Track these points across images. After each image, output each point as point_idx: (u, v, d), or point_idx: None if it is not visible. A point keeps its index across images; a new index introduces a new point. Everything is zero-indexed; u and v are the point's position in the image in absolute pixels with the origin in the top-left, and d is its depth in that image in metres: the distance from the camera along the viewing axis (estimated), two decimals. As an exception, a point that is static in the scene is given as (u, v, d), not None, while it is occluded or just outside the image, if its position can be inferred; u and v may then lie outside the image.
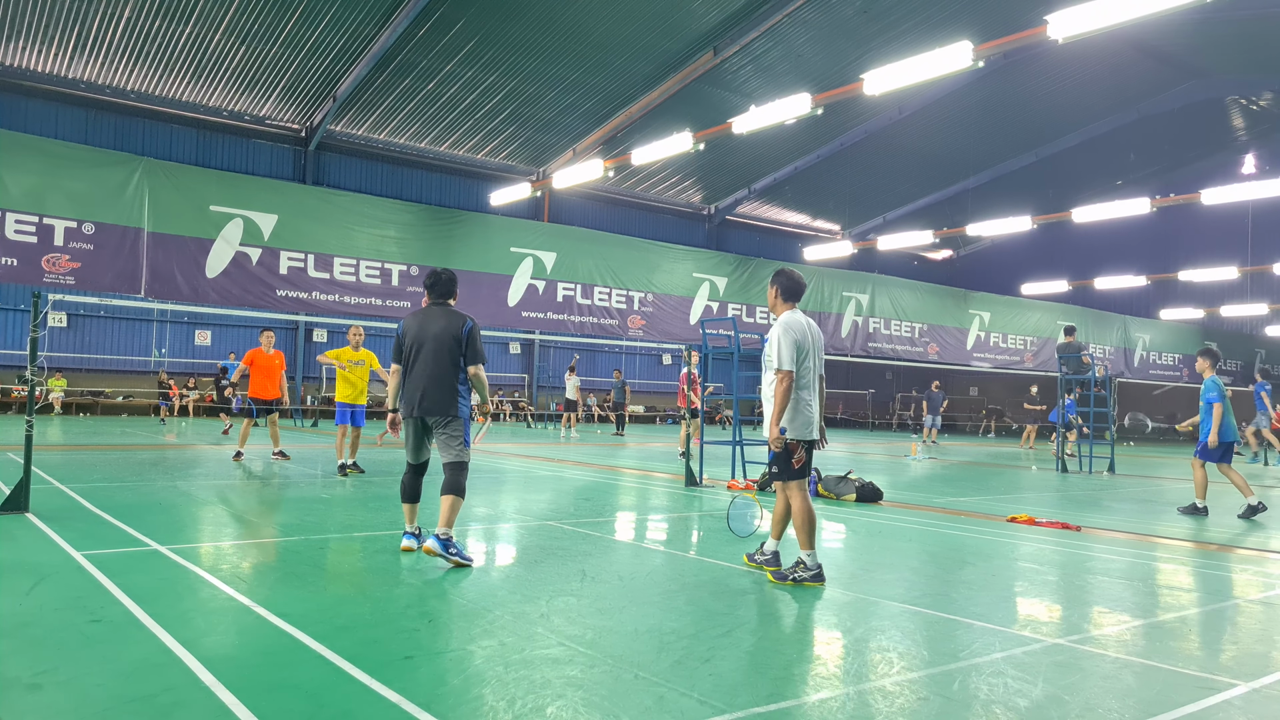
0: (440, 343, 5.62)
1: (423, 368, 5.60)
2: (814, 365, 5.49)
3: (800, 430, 5.38)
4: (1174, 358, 36.63)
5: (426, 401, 5.59)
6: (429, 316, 5.73)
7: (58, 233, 15.07)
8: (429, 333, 5.63)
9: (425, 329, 5.65)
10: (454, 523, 5.50)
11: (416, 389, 5.61)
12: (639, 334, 22.85)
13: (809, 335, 5.47)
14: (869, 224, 39.20)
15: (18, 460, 9.29)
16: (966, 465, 17.10)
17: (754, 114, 17.32)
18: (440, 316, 5.72)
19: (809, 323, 5.57)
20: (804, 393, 5.40)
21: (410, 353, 5.67)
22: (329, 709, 3.00)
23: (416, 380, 5.61)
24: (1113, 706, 3.27)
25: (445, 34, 22.91)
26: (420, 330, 5.66)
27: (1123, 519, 9.09)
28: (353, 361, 11.00)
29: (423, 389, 5.58)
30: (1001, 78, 28.44)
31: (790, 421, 5.36)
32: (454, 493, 5.57)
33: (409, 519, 5.87)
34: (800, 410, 5.38)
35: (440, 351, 5.60)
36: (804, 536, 5.34)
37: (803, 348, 5.40)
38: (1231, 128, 35.05)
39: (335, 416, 11.12)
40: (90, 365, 25.58)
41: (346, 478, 10.34)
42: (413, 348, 5.65)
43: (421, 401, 5.59)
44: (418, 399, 5.60)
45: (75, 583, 4.66)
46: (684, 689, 3.30)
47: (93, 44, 22.19)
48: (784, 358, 5.31)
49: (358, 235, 18.59)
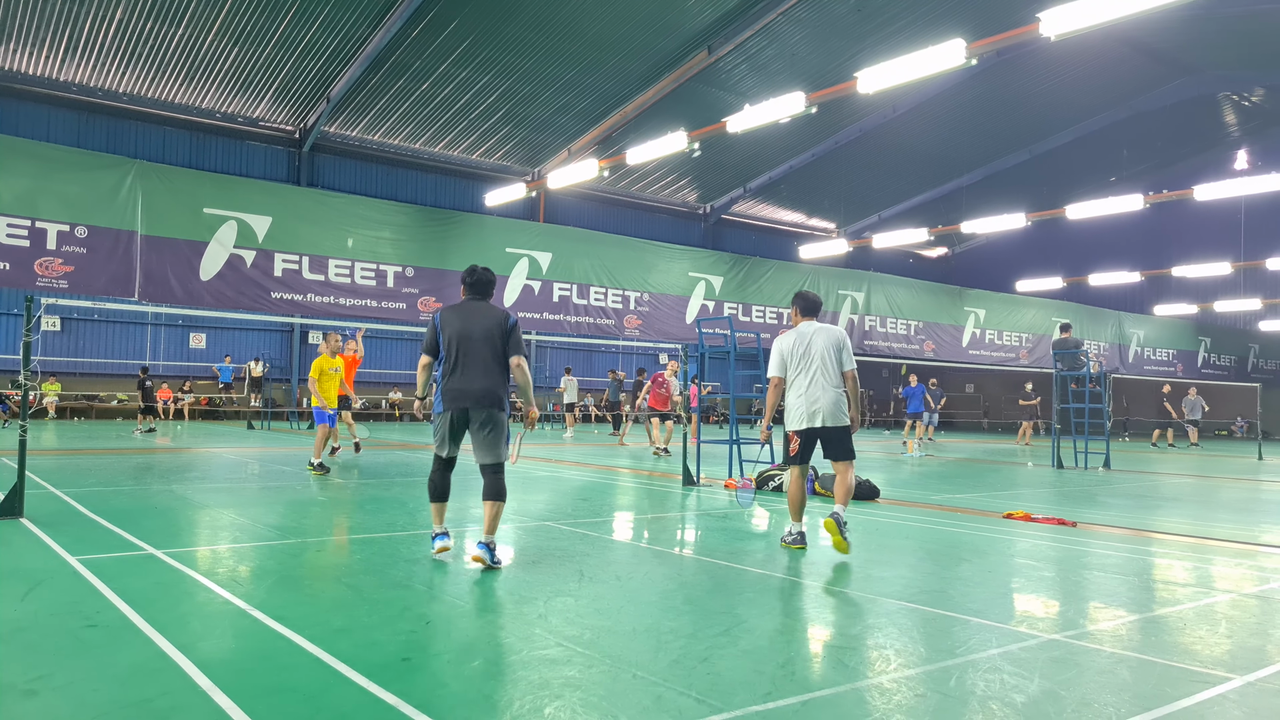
0: (489, 337, 5.44)
1: (471, 362, 5.41)
2: (811, 364, 6.26)
3: (795, 422, 6.29)
4: (1168, 353, 36.70)
5: (476, 394, 5.40)
6: (471, 311, 5.52)
7: (50, 236, 15.01)
8: (475, 327, 5.45)
9: (469, 323, 5.46)
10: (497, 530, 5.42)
11: (465, 383, 5.40)
12: (635, 334, 22.85)
13: (797, 345, 6.32)
14: (864, 222, 39.23)
15: (12, 465, 9.26)
16: (963, 462, 17.12)
17: (748, 113, 17.32)
18: (483, 311, 5.54)
19: (810, 330, 6.37)
20: (790, 393, 6.31)
21: (453, 347, 5.44)
22: (326, 712, 3.00)
23: (465, 375, 5.41)
24: (1109, 701, 3.28)
25: (439, 34, 22.89)
26: (464, 325, 5.46)
27: (1118, 514, 9.11)
28: (333, 369, 11.55)
29: (471, 383, 5.40)
30: (995, 75, 28.50)
31: (786, 416, 6.35)
32: (496, 498, 5.41)
33: (438, 519, 5.59)
34: (793, 407, 6.29)
35: (489, 346, 5.43)
36: (792, 511, 6.48)
37: (786, 358, 6.33)
38: (1224, 124, 35.15)
39: (316, 418, 11.67)
40: (84, 369, 25.50)
41: (326, 474, 10.77)
42: (455, 342, 5.44)
43: (471, 395, 5.40)
44: (466, 393, 5.40)
45: (71, 587, 4.65)
46: (682, 688, 3.30)
47: (85, 46, 22.12)
48: (769, 368, 6.44)
49: (352, 237, 18.56)
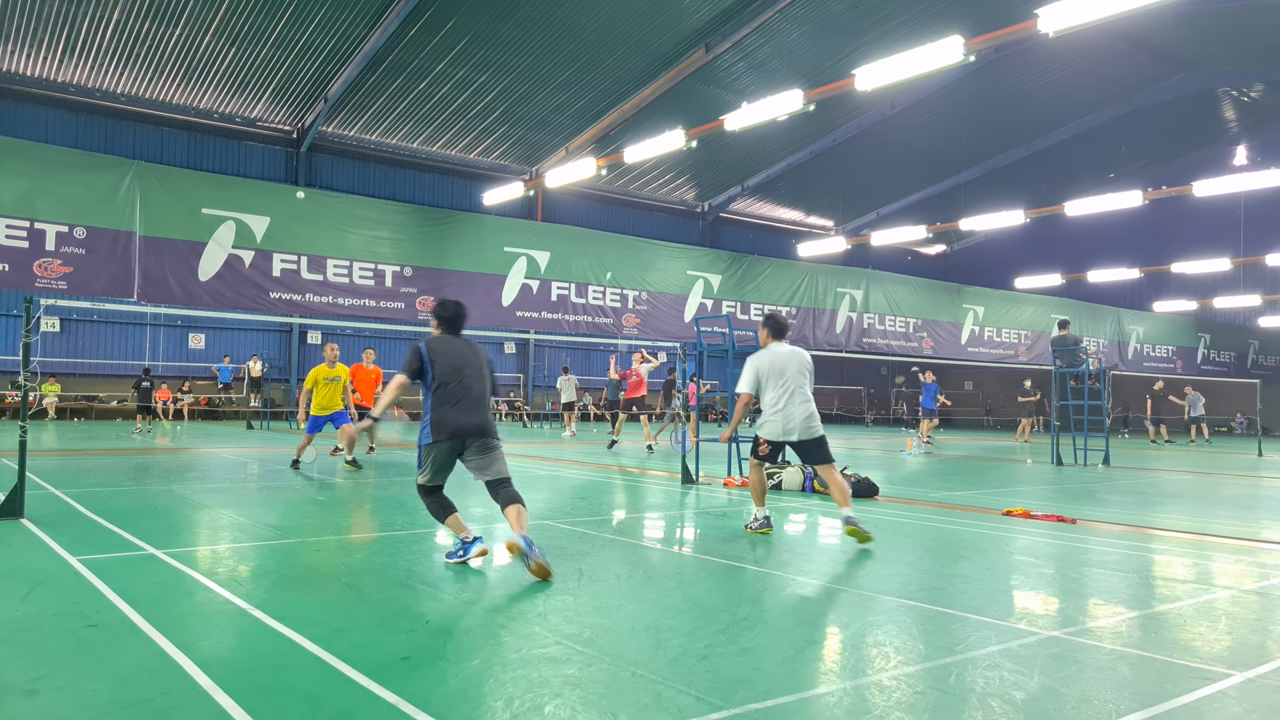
0: (482, 374, 5.73)
1: (471, 395, 5.60)
2: (787, 384, 6.73)
3: (769, 433, 6.80)
4: (1168, 349, 36.72)
5: (478, 428, 5.59)
6: (460, 346, 5.76)
7: (49, 237, 15.01)
8: (468, 361, 5.69)
9: (465, 358, 5.69)
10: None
11: (469, 417, 5.56)
12: (634, 332, 22.85)
13: (774, 364, 6.78)
14: (862, 220, 39.23)
15: (12, 466, 9.27)
16: (962, 459, 17.14)
17: (746, 110, 17.32)
18: (472, 347, 5.82)
19: (784, 351, 6.84)
20: (767, 408, 6.81)
21: (453, 380, 5.59)
22: (327, 711, 3.00)
23: (467, 408, 5.57)
24: (1108, 698, 3.29)
25: (436, 34, 22.88)
26: (458, 358, 5.66)
27: (1118, 511, 9.12)
28: (328, 379, 11.78)
29: (475, 417, 5.60)
30: (993, 72, 28.49)
31: (761, 425, 6.86)
32: (518, 502, 5.55)
33: (461, 527, 5.72)
34: (769, 420, 6.80)
35: (482, 382, 5.72)
36: (755, 497, 7.08)
37: (761, 376, 6.80)
38: (1223, 119, 35.15)
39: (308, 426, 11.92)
40: (84, 370, 25.51)
41: (297, 470, 11.45)
42: (454, 375, 5.60)
43: (474, 429, 5.58)
44: (469, 427, 5.56)
45: (71, 588, 4.66)
46: (681, 686, 3.31)
47: (82, 47, 22.11)
48: (741, 383, 6.94)
49: (351, 237, 18.55)
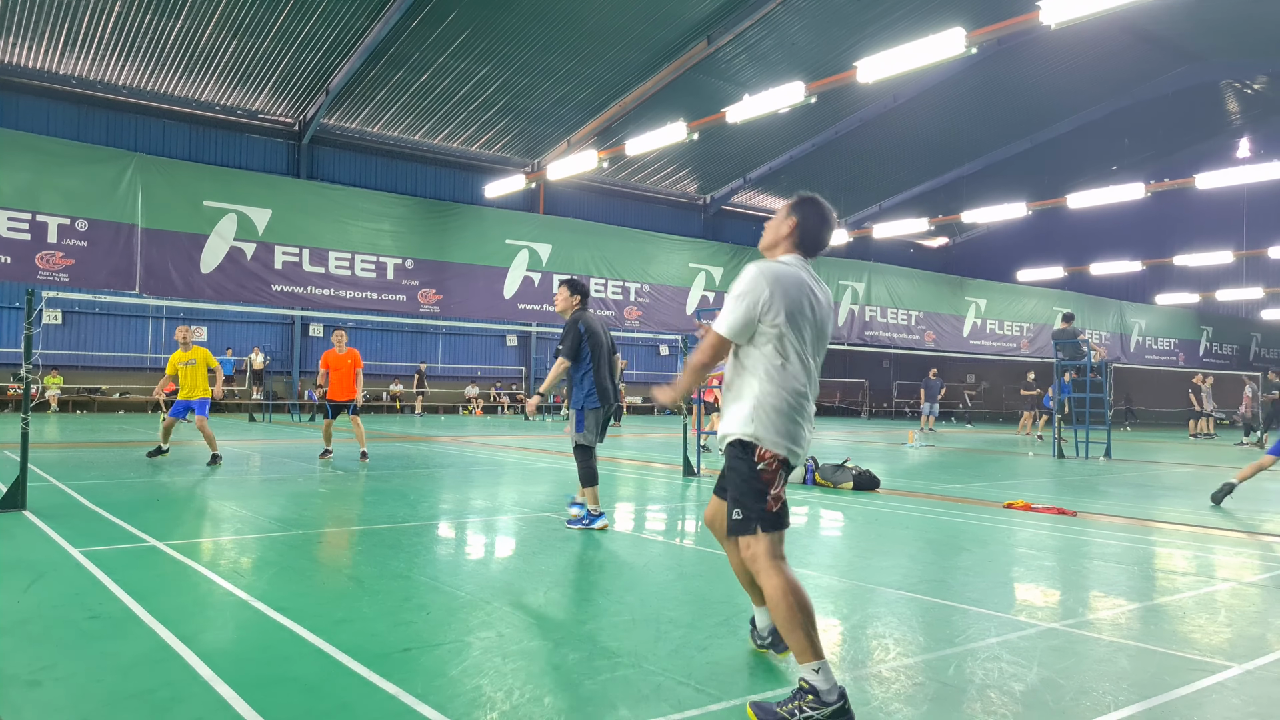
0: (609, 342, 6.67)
1: (609, 365, 6.56)
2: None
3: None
4: (1170, 342, 36.67)
5: (618, 390, 6.67)
6: (598, 319, 6.65)
7: (51, 230, 15.03)
8: (605, 336, 6.61)
9: (603, 332, 6.61)
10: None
11: (612, 381, 6.54)
12: (636, 325, 22.85)
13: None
14: (864, 212, 39.16)
15: (14, 458, 9.30)
16: (964, 452, 17.14)
17: (748, 103, 17.26)
18: (603, 322, 6.77)
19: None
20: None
21: (601, 353, 6.48)
22: (327, 701, 3.01)
23: (611, 373, 6.54)
24: (1107, 689, 3.29)
25: (437, 26, 22.81)
26: (602, 333, 6.57)
27: (1119, 504, 9.12)
28: (183, 363, 11.35)
29: (614, 380, 6.59)
30: (995, 64, 28.37)
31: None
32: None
33: (596, 500, 6.51)
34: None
35: (611, 348, 6.69)
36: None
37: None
38: (1226, 111, 35.01)
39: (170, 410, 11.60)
40: (86, 362, 25.53)
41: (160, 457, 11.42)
42: (602, 349, 6.49)
43: (616, 391, 6.61)
44: (615, 389, 6.58)
45: (73, 579, 4.67)
46: (681, 677, 3.32)
47: (83, 39, 22.07)
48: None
49: (352, 229, 18.55)
